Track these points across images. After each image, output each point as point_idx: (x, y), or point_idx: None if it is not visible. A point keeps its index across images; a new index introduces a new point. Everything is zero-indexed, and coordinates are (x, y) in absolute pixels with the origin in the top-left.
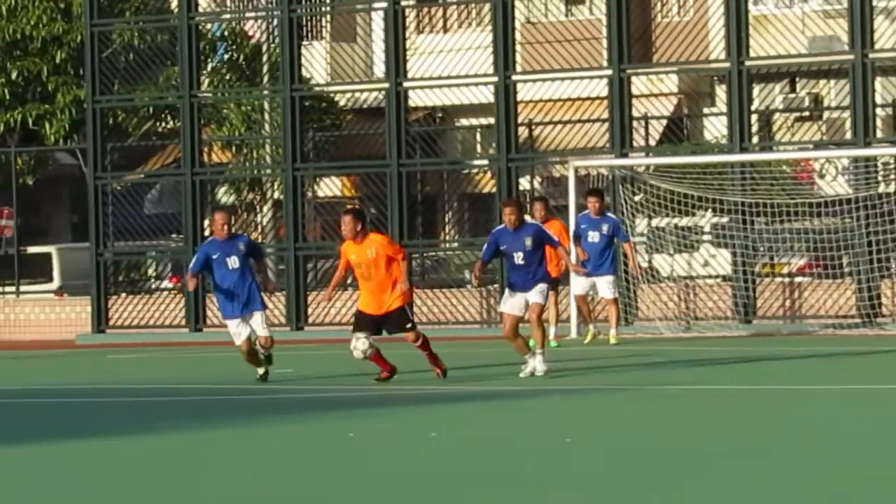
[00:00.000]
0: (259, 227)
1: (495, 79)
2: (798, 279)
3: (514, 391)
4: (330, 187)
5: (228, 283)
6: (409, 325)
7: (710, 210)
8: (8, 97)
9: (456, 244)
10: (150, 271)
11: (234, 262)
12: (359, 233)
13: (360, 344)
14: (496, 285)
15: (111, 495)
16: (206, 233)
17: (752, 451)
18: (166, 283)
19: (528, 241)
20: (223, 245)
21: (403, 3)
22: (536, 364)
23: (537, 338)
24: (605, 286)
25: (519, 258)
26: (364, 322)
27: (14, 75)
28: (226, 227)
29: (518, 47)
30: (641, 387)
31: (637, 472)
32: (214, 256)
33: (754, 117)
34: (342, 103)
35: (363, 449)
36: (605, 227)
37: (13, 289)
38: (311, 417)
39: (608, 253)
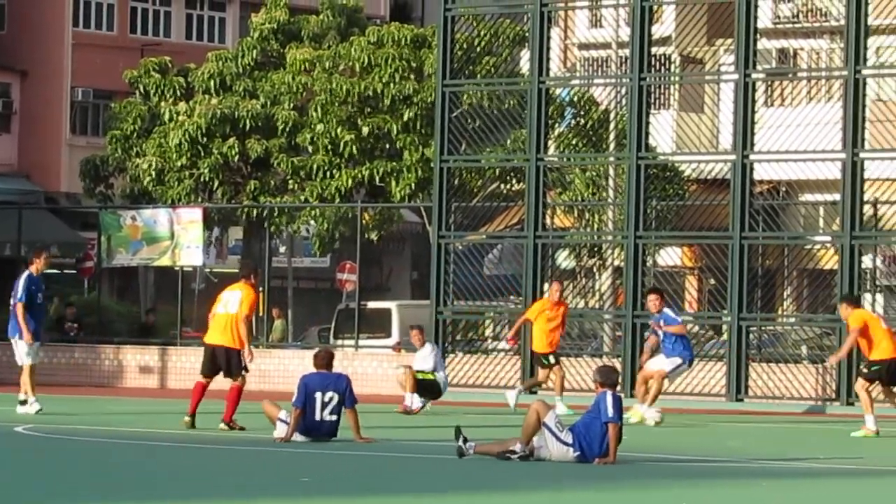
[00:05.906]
0: (597, 293)
1: (843, 155)
2: None
3: (875, 470)
4: (671, 256)
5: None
6: None
7: None
8: (357, 153)
9: (793, 319)
10: (488, 332)
11: None
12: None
13: None
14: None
15: None
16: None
17: None
18: (503, 345)
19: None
20: None
21: (754, 76)
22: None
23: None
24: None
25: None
26: None
27: (364, 131)
28: None
29: (867, 124)
30: None
31: None
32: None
33: None
34: (686, 173)
35: None
36: (661, 323)
37: (352, 342)
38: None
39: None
